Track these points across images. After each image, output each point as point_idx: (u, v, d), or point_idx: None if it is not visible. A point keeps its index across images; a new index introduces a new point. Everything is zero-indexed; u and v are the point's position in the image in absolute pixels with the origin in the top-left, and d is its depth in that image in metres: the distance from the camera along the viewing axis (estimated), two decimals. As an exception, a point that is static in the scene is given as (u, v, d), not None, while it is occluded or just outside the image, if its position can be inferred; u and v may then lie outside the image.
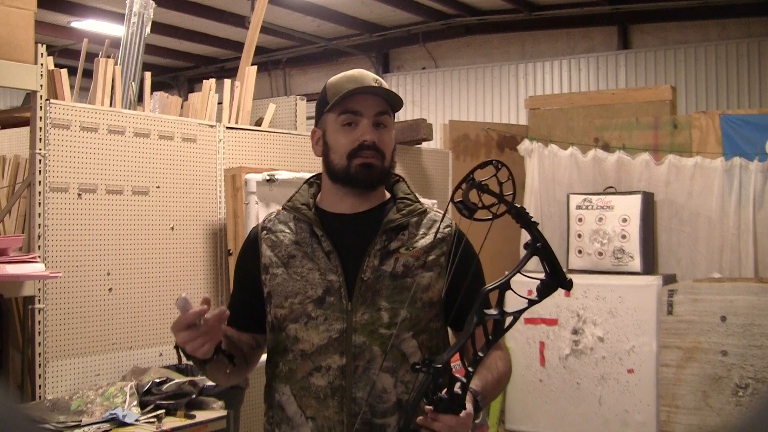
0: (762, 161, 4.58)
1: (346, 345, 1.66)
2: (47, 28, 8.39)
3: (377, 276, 1.69)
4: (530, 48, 9.34)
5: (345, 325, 1.67)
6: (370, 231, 1.72)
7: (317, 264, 1.71)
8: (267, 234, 1.79)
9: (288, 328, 1.71)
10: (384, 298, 1.68)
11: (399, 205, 1.76)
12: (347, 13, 8.97)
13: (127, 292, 3.32)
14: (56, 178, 3.09)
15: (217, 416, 3.02)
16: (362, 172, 1.70)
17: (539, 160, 5.16)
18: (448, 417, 1.42)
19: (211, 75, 8.98)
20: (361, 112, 1.70)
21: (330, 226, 1.74)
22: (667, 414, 4.23)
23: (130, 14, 3.76)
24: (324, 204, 1.79)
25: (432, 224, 1.76)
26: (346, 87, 1.71)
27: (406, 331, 1.68)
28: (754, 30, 7.99)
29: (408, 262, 1.70)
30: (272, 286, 1.74)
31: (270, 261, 1.75)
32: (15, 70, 2.95)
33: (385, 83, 1.77)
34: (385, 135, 1.73)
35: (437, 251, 1.73)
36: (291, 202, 1.80)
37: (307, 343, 1.69)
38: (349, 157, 1.70)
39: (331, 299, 1.68)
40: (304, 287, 1.70)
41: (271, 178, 3.60)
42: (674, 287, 4.30)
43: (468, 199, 1.43)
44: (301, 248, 1.73)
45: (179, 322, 1.53)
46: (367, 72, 1.76)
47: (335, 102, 1.71)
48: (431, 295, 1.71)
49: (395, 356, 1.67)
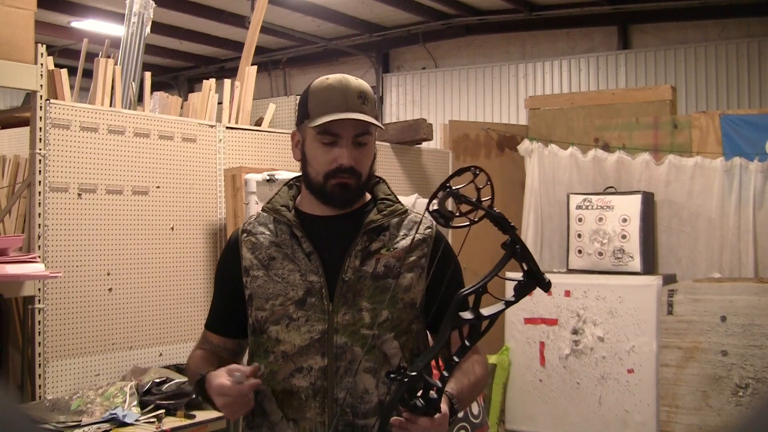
0: (762, 161, 4.58)
1: (327, 346, 1.66)
2: (47, 28, 8.39)
3: (358, 276, 1.68)
4: (530, 48, 9.34)
5: (326, 326, 1.66)
6: (350, 232, 1.71)
7: (298, 265, 1.70)
8: (247, 236, 1.77)
9: (269, 330, 1.70)
10: (365, 299, 1.67)
11: (380, 206, 1.75)
12: (347, 13, 8.97)
13: (127, 292, 3.32)
14: (56, 178, 3.09)
15: (217, 416, 3.02)
16: (337, 192, 1.70)
17: (539, 160, 5.16)
18: (423, 419, 1.42)
19: (211, 75, 8.97)
20: (340, 134, 1.68)
21: (310, 228, 1.73)
22: (667, 414, 4.23)
23: (130, 14, 3.76)
24: (304, 206, 1.78)
25: (413, 225, 1.76)
26: (329, 103, 1.67)
27: (388, 332, 1.68)
28: (754, 30, 7.99)
29: (389, 262, 1.70)
30: (253, 289, 1.73)
31: (250, 263, 1.74)
32: (15, 70, 2.95)
33: (371, 93, 1.73)
34: (363, 155, 1.70)
35: (418, 252, 1.73)
36: (270, 204, 1.78)
37: (289, 345, 1.68)
38: (326, 177, 1.69)
39: (313, 300, 1.68)
40: (285, 289, 1.69)
41: (271, 178, 3.60)
42: (674, 287, 4.30)
43: (444, 207, 1.43)
44: (282, 250, 1.72)
45: (230, 393, 1.58)
46: (351, 85, 1.69)
47: (312, 115, 1.68)
48: (412, 296, 1.71)
49: (377, 357, 1.67)
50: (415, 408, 1.40)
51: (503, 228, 1.44)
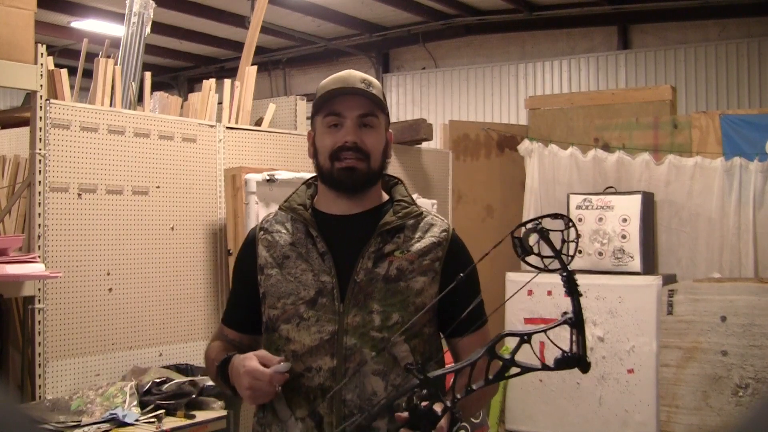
0: (762, 161, 4.59)
1: (337, 347, 1.66)
2: (47, 28, 8.39)
3: (370, 278, 1.68)
4: (530, 48, 9.34)
5: (336, 327, 1.66)
6: (365, 233, 1.71)
7: (311, 265, 1.70)
8: (264, 234, 1.79)
9: (280, 328, 1.71)
10: (376, 301, 1.67)
11: (395, 208, 1.75)
12: (347, 13, 8.97)
13: (127, 292, 3.32)
14: (56, 178, 3.09)
15: (217, 416, 3.02)
16: (344, 175, 1.70)
17: (539, 160, 5.16)
18: None
19: (211, 75, 8.98)
20: (343, 113, 1.70)
21: (326, 227, 1.73)
22: (667, 414, 4.23)
23: (130, 14, 3.76)
24: (320, 205, 1.79)
25: (428, 228, 1.75)
26: (331, 86, 1.71)
27: (398, 335, 1.67)
28: (754, 30, 7.99)
29: (402, 265, 1.69)
30: (267, 287, 1.74)
31: (265, 261, 1.75)
32: (15, 70, 2.95)
33: (377, 83, 1.76)
34: (370, 135, 1.71)
35: (432, 255, 1.72)
36: (288, 203, 1.79)
37: (299, 344, 1.68)
38: (332, 159, 1.70)
39: (324, 300, 1.68)
40: (296, 288, 1.70)
41: (271, 178, 3.60)
42: (674, 287, 4.30)
43: (527, 239, 1.41)
44: (296, 249, 1.73)
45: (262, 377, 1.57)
46: (355, 73, 1.75)
47: (319, 104, 1.71)
48: (424, 300, 1.70)
49: (386, 360, 1.66)
50: (415, 409, 1.38)
51: (569, 291, 1.41)
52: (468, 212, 5.31)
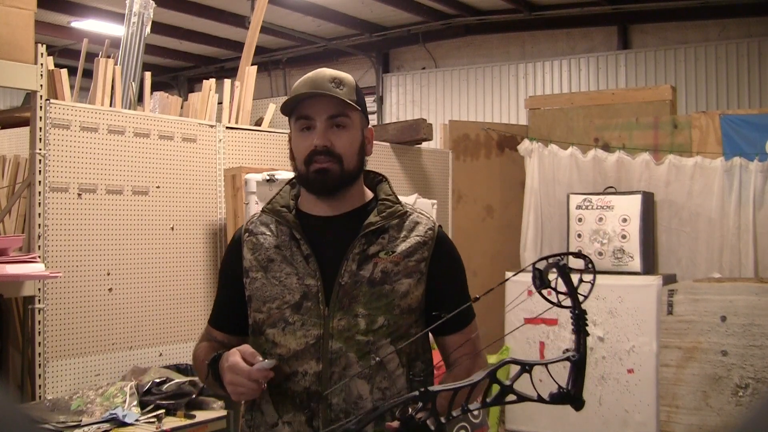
0: (762, 161, 4.59)
1: (322, 351, 1.64)
2: (47, 28, 8.39)
3: (355, 281, 1.66)
4: (530, 48, 9.34)
5: (322, 331, 1.65)
6: (349, 234, 1.69)
7: (296, 268, 1.68)
8: (249, 236, 1.77)
9: (266, 332, 1.70)
10: (361, 305, 1.65)
11: (379, 207, 1.73)
12: (347, 13, 8.97)
13: (127, 292, 3.32)
14: (56, 178, 3.09)
15: (217, 416, 3.02)
16: (317, 178, 1.67)
17: (539, 160, 5.16)
18: None
19: (211, 75, 8.98)
20: (312, 116, 1.67)
21: (310, 229, 1.72)
22: (667, 414, 4.23)
23: (130, 14, 3.76)
24: (304, 206, 1.76)
25: (414, 227, 1.73)
26: (299, 89, 1.68)
27: (384, 338, 1.65)
28: (754, 30, 7.99)
29: (387, 267, 1.67)
30: (252, 290, 1.72)
31: (250, 264, 1.74)
32: (15, 70, 2.95)
33: (350, 80, 1.71)
34: (341, 137, 1.68)
35: (417, 256, 1.70)
36: (271, 205, 1.77)
37: (284, 348, 1.67)
38: (306, 163, 1.68)
39: (309, 304, 1.66)
40: (281, 292, 1.68)
41: (270, 178, 3.60)
42: (674, 287, 4.30)
43: (546, 272, 1.41)
44: (281, 252, 1.71)
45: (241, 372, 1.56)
46: (326, 72, 1.69)
47: (289, 107, 1.69)
48: (410, 302, 1.68)
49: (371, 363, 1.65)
50: (410, 420, 1.36)
51: (577, 329, 1.43)
52: (468, 212, 5.31)
